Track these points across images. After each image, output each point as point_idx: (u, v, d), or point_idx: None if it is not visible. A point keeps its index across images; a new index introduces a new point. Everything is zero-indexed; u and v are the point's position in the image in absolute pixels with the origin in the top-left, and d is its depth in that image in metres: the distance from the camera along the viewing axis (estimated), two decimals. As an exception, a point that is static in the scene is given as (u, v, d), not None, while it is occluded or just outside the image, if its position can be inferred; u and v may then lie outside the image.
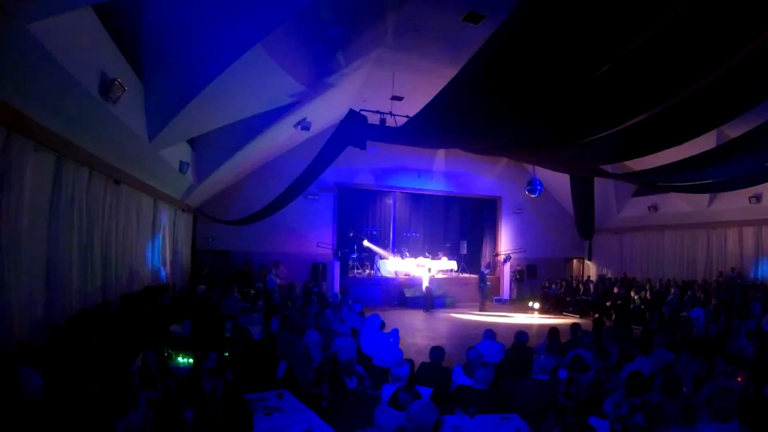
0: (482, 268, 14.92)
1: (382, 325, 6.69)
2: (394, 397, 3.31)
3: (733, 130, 7.81)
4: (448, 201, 17.35)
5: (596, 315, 12.07)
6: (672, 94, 5.23)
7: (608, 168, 10.69)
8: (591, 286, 14.27)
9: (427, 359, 5.10)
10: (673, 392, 3.44)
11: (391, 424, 3.17)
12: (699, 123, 6.30)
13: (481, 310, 13.80)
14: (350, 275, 14.53)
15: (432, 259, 15.83)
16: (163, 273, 10.07)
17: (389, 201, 16.82)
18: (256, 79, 6.98)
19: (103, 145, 6.35)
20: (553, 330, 6.11)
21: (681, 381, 3.77)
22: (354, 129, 10.12)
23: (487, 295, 14.30)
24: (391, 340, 6.39)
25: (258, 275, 12.58)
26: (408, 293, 14.43)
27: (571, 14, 3.57)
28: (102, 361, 4.75)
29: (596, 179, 13.61)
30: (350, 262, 14.77)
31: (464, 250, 16.93)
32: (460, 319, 12.50)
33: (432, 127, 7.05)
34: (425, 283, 14.07)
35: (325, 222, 14.35)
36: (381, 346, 6.31)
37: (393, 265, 15.37)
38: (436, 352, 4.97)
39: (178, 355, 5.26)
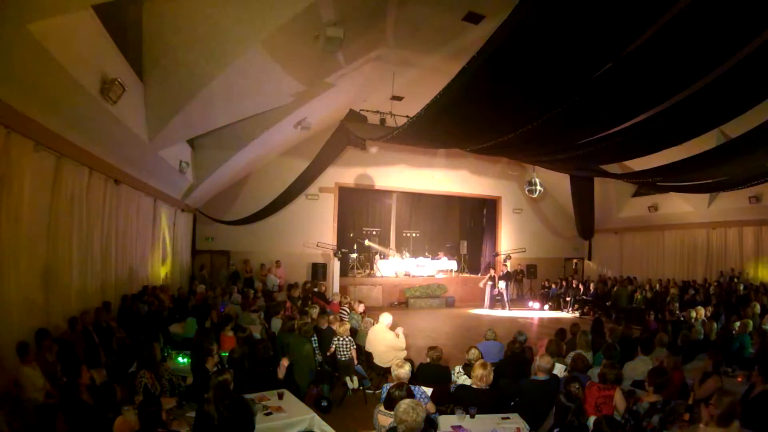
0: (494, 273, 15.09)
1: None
2: (387, 398, 3.31)
3: (733, 130, 7.81)
4: (448, 201, 17.35)
5: (596, 315, 12.10)
6: (672, 94, 5.23)
7: (608, 168, 10.69)
8: (591, 285, 14.28)
9: (426, 360, 5.10)
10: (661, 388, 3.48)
11: (391, 425, 3.17)
12: (699, 123, 6.29)
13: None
14: (350, 275, 14.53)
15: (432, 259, 15.84)
16: (162, 273, 10.08)
17: (389, 201, 16.82)
18: (256, 79, 6.98)
19: (103, 145, 6.35)
20: (559, 331, 6.16)
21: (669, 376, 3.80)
22: (354, 129, 10.14)
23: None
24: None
25: (257, 275, 12.60)
26: (408, 293, 14.44)
27: (572, 15, 3.57)
28: (102, 359, 4.76)
29: (596, 179, 13.63)
30: (350, 262, 14.76)
31: (464, 250, 16.94)
32: (460, 318, 12.50)
33: (432, 128, 7.04)
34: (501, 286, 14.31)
35: (325, 222, 14.35)
36: (387, 344, 6.25)
37: (393, 265, 15.38)
38: (433, 351, 4.99)
39: (178, 355, 5.26)
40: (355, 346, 5.95)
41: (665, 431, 3.25)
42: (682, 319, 8.90)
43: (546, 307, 14.72)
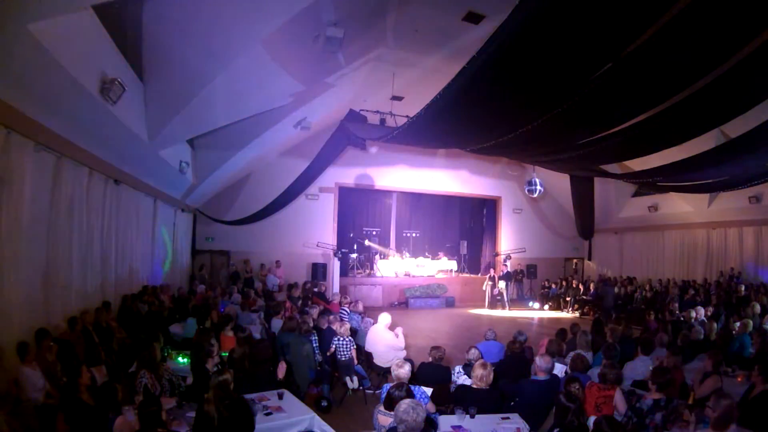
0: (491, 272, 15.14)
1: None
2: (387, 398, 3.30)
3: (733, 130, 7.81)
4: (448, 201, 17.35)
5: (596, 315, 12.10)
6: (672, 94, 5.23)
7: (608, 168, 10.68)
8: (591, 285, 14.28)
9: (427, 359, 5.10)
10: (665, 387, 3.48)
11: (391, 425, 3.17)
12: (699, 123, 6.29)
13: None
14: (350, 275, 14.53)
15: (432, 259, 15.84)
16: (162, 273, 10.08)
17: (389, 201, 16.82)
18: (256, 79, 6.98)
19: (103, 145, 6.35)
20: (559, 331, 6.16)
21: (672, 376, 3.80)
22: (354, 129, 10.14)
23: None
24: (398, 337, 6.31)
25: (257, 275, 12.60)
26: (408, 293, 14.44)
27: (572, 14, 3.57)
28: (102, 359, 4.75)
29: (596, 179, 13.63)
30: (350, 262, 14.76)
31: (464, 250, 16.94)
32: (460, 318, 12.50)
33: (432, 128, 7.04)
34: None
35: (325, 222, 14.35)
36: (387, 344, 6.25)
37: (393, 265, 15.38)
38: (436, 351, 4.98)
39: (178, 355, 5.26)
40: (355, 346, 5.95)
41: (666, 431, 3.25)
42: (682, 319, 8.90)
43: (546, 307, 14.73)
